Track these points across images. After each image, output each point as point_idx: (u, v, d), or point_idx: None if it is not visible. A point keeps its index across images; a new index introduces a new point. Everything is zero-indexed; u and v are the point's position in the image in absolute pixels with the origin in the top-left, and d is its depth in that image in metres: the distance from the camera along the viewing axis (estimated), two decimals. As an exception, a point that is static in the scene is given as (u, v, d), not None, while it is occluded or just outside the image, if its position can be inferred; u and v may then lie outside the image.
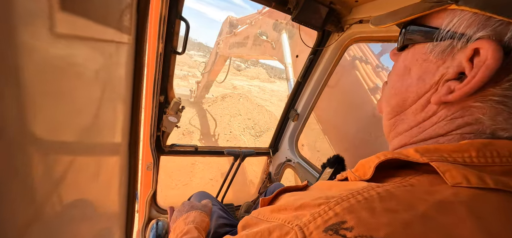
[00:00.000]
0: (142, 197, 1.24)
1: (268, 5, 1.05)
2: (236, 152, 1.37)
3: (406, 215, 0.21)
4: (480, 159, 0.24)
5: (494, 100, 0.24)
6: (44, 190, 0.26)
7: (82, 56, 0.30)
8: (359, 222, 0.21)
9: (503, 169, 0.23)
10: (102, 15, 0.33)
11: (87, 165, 0.39)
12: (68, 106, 0.28)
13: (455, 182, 0.22)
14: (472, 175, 0.22)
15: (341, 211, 0.22)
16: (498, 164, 0.23)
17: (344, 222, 0.21)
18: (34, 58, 0.20)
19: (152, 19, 0.90)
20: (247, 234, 0.30)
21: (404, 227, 0.20)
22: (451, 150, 0.25)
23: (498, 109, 0.24)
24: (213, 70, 5.01)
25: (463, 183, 0.22)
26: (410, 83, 0.31)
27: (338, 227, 0.21)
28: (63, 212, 0.32)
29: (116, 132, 0.50)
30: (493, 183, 0.22)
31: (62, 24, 0.23)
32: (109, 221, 0.59)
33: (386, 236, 0.19)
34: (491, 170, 0.23)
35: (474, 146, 0.24)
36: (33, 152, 0.22)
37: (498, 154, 0.23)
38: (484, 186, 0.22)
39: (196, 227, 0.61)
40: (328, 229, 0.21)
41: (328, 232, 0.21)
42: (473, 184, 0.22)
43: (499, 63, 0.23)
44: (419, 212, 0.21)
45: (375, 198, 0.23)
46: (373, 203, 0.22)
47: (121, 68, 0.46)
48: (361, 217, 0.21)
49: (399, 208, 0.21)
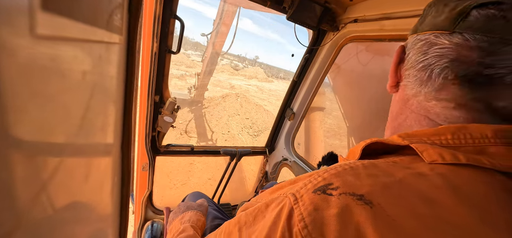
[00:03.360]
0: (137, 198, 1.23)
1: (264, 4, 1.05)
2: (233, 152, 1.37)
3: (386, 179, 0.24)
4: (454, 140, 0.27)
5: (404, 74, 0.36)
6: (30, 194, 0.25)
7: (70, 57, 0.29)
8: (344, 183, 0.24)
9: (475, 149, 0.26)
10: (91, 15, 0.32)
11: (77, 167, 0.38)
12: (56, 108, 0.28)
13: (431, 159, 0.26)
14: (446, 153, 0.26)
15: (328, 176, 0.26)
16: (471, 144, 0.27)
17: (331, 184, 0.25)
18: (17, 59, 0.19)
19: (146, 18, 0.89)
20: (246, 212, 0.33)
21: (383, 188, 0.23)
22: (430, 133, 0.29)
23: (406, 82, 0.35)
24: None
25: (438, 160, 0.26)
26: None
27: (326, 188, 0.25)
28: (53, 215, 0.32)
29: (108, 133, 0.50)
30: (465, 159, 0.25)
31: (48, 24, 0.23)
32: (102, 222, 0.59)
33: (366, 193, 0.23)
34: (465, 149, 0.26)
35: (450, 129, 0.28)
36: (16, 155, 0.22)
37: (471, 136, 0.27)
38: (457, 162, 0.25)
39: (192, 226, 0.62)
40: (317, 190, 0.25)
41: (317, 193, 0.24)
42: (447, 161, 0.25)
43: (400, 51, 0.37)
44: (397, 178, 0.24)
45: (360, 167, 0.27)
46: (358, 170, 0.26)
47: (112, 68, 0.45)
48: (346, 179, 0.25)
49: (380, 174, 0.25)
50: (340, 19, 1.13)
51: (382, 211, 0.21)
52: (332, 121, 1.96)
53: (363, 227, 0.21)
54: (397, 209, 0.22)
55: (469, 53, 0.27)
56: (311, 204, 0.24)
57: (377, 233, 0.20)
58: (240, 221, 0.33)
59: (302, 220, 0.23)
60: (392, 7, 0.86)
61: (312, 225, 0.22)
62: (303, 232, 0.23)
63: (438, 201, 0.22)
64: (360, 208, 0.22)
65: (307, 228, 0.23)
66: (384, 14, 0.90)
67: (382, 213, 0.21)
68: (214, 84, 6.38)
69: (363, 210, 0.22)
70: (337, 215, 0.22)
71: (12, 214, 0.22)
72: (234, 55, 28.46)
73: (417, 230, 0.21)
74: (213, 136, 5.75)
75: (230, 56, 26.01)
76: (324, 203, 0.23)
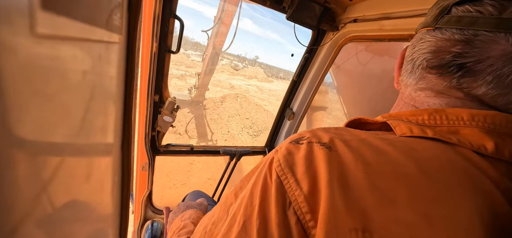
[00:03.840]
0: (137, 198, 1.23)
1: (263, 4, 1.05)
2: (232, 151, 1.37)
3: (350, 136, 0.29)
4: (430, 121, 0.30)
5: (402, 69, 0.39)
6: (31, 193, 0.25)
7: (70, 56, 0.29)
8: (314, 135, 0.30)
9: (450, 129, 0.28)
10: (91, 14, 0.32)
11: (78, 167, 0.39)
12: (56, 108, 0.28)
13: (401, 133, 0.29)
14: (416, 128, 0.29)
15: (304, 132, 0.31)
16: (446, 125, 0.29)
17: (303, 136, 0.30)
18: (17, 58, 0.20)
19: (146, 18, 0.89)
20: (242, 178, 0.37)
21: (344, 140, 0.28)
22: (409, 114, 0.32)
23: (403, 77, 0.38)
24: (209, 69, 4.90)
25: (407, 133, 0.29)
26: None
27: (299, 139, 0.30)
28: (54, 215, 0.32)
29: (108, 133, 0.50)
30: (432, 134, 0.28)
31: (48, 23, 0.23)
32: (103, 222, 0.59)
33: (328, 141, 0.28)
34: (439, 129, 0.28)
35: (428, 111, 0.31)
36: (18, 154, 0.22)
37: (446, 118, 0.29)
38: (424, 135, 0.28)
39: (193, 222, 0.62)
40: (292, 142, 0.30)
41: (292, 143, 0.30)
42: (415, 134, 0.28)
43: (404, 51, 0.40)
44: (360, 137, 0.28)
45: (332, 128, 0.32)
46: (329, 129, 0.31)
47: (112, 68, 0.45)
48: (316, 133, 0.30)
49: (346, 133, 0.29)
50: (339, 19, 1.13)
51: (337, 154, 0.26)
52: (331, 120, 1.96)
53: (320, 165, 0.26)
54: (349, 155, 0.26)
55: (444, 44, 0.31)
56: (286, 150, 0.29)
57: (327, 167, 0.25)
58: (236, 187, 0.37)
59: (278, 161, 0.28)
60: (391, 7, 0.86)
61: (285, 164, 0.28)
62: (278, 169, 0.28)
63: (387, 153, 0.26)
64: (321, 150, 0.27)
65: (281, 165, 0.28)
66: (384, 14, 0.90)
67: (337, 156, 0.26)
68: (214, 84, 6.35)
69: (323, 152, 0.27)
70: (304, 156, 0.27)
71: (15, 213, 0.22)
72: (234, 55, 28.46)
73: (360, 170, 0.25)
74: (213, 136, 5.75)
75: (230, 56, 26.00)
76: (295, 149, 0.29)
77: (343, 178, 0.24)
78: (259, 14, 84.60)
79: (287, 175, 0.27)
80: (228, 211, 0.34)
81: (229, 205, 0.35)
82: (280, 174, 0.27)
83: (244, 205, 0.29)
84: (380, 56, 1.27)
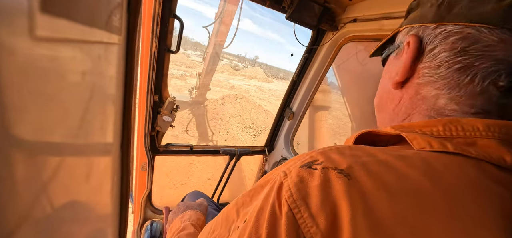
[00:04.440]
0: (137, 198, 1.23)
1: (263, 4, 1.05)
2: (232, 151, 1.37)
3: (367, 158, 0.26)
4: (446, 132, 0.28)
5: (424, 73, 0.32)
6: (31, 193, 0.25)
7: (70, 58, 0.29)
8: (328, 160, 0.26)
9: (466, 141, 0.26)
10: (90, 16, 0.32)
11: (77, 167, 0.39)
12: (56, 108, 0.28)
13: (420, 147, 0.27)
14: (435, 141, 0.27)
15: (315, 154, 0.28)
16: (462, 136, 0.27)
17: (316, 160, 0.27)
18: (16, 59, 0.20)
19: (145, 18, 0.89)
20: (243, 194, 0.34)
21: (362, 164, 0.25)
22: (422, 125, 0.30)
23: (427, 80, 0.31)
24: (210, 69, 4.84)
25: (426, 147, 0.26)
26: (385, 82, 0.40)
27: (311, 163, 0.27)
28: (53, 215, 0.32)
29: (107, 133, 0.50)
30: (453, 148, 0.26)
31: (47, 25, 0.23)
32: (102, 222, 0.59)
33: (346, 167, 0.25)
34: (456, 141, 0.27)
35: (442, 121, 0.28)
36: (17, 154, 0.22)
37: (462, 128, 0.27)
38: (445, 150, 0.26)
39: (193, 224, 0.62)
40: (304, 166, 0.27)
41: (303, 168, 0.26)
42: (435, 148, 0.26)
43: (416, 44, 0.32)
44: (378, 158, 0.25)
45: (346, 147, 0.28)
46: (343, 150, 0.27)
47: (111, 68, 0.45)
48: (330, 156, 0.27)
49: (363, 155, 0.26)
50: (339, 19, 1.13)
51: (357, 183, 0.23)
52: (331, 120, 1.96)
53: (339, 197, 0.23)
54: (370, 183, 0.23)
55: None
56: (297, 177, 0.26)
57: (349, 202, 0.22)
58: (238, 202, 0.34)
59: (288, 190, 0.25)
60: (391, 7, 0.86)
61: (297, 194, 0.24)
62: (289, 200, 0.25)
63: (411, 178, 0.24)
64: (339, 180, 0.24)
65: (293, 196, 0.25)
66: (383, 14, 0.90)
67: (357, 185, 0.23)
68: (214, 84, 6.31)
69: (341, 182, 0.24)
70: (319, 185, 0.24)
71: (14, 213, 0.22)
72: (234, 55, 28.44)
73: (384, 200, 0.22)
74: (213, 136, 5.74)
75: (230, 56, 25.97)
76: (308, 176, 0.25)
77: (367, 213, 0.22)
78: (258, 14, 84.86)
79: (301, 208, 0.24)
80: (229, 229, 0.33)
81: (231, 222, 0.33)
82: (292, 206, 0.24)
83: (248, 234, 0.26)
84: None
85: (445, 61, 0.29)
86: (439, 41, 0.30)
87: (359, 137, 0.33)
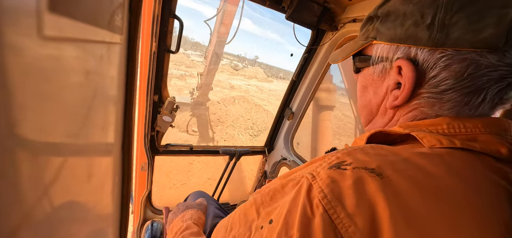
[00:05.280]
0: (136, 198, 1.23)
1: (263, 4, 1.05)
2: (232, 151, 1.37)
3: (393, 157, 0.27)
4: (450, 129, 0.30)
5: (425, 96, 0.33)
6: (34, 192, 0.25)
7: (73, 57, 0.29)
8: (356, 160, 0.27)
9: (468, 137, 0.29)
10: (93, 15, 0.32)
11: (79, 167, 0.39)
12: (58, 108, 0.28)
13: (430, 144, 0.29)
14: (443, 139, 0.29)
15: (341, 155, 0.28)
16: (464, 133, 0.30)
17: (344, 161, 0.27)
18: (22, 59, 0.20)
19: (145, 18, 0.89)
20: (261, 193, 0.34)
21: (390, 163, 0.26)
22: (427, 124, 0.32)
23: (430, 102, 0.33)
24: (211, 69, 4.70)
25: (437, 144, 0.29)
26: (370, 98, 0.41)
27: (340, 164, 0.27)
28: (55, 214, 0.32)
29: (109, 133, 0.50)
30: (460, 144, 0.28)
31: (53, 25, 0.23)
32: (103, 222, 0.59)
33: (376, 167, 0.25)
34: (459, 137, 0.29)
35: (445, 120, 0.31)
36: (21, 154, 0.22)
37: (464, 126, 0.30)
38: (453, 146, 0.28)
39: (195, 223, 0.62)
40: (332, 167, 0.27)
41: (332, 169, 0.27)
42: (444, 145, 0.28)
43: (414, 73, 0.32)
44: (402, 157, 0.27)
45: (368, 148, 0.29)
46: (367, 150, 0.28)
47: (113, 68, 0.46)
48: (357, 156, 0.27)
49: (387, 154, 0.28)
50: (339, 19, 1.13)
51: (391, 182, 0.24)
52: (333, 120, 1.96)
53: (375, 195, 0.24)
54: (403, 181, 0.24)
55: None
56: (328, 178, 0.26)
57: (386, 201, 0.23)
58: (256, 201, 0.34)
59: (321, 191, 0.25)
60: (390, 7, 0.86)
61: (331, 195, 0.25)
62: (323, 201, 0.25)
63: (437, 176, 0.25)
64: (372, 179, 0.24)
65: (327, 197, 0.25)
66: (383, 14, 0.90)
67: (391, 184, 0.24)
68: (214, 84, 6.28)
69: (375, 181, 0.24)
70: (353, 185, 0.25)
71: (17, 212, 0.22)
72: (234, 55, 28.44)
73: (418, 198, 0.24)
74: (213, 136, 5.71)
75: (230, 56, 25.96)
76: (340, 176, 0.26)
77: (405, 211, 0.23)
78: (258, 14, 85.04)
79: (336, 208, 0.24)
80: (250, 228, 0.33)
81: (251, 221, 0.33)
82: (327, 207, 0.24)
83: (277, 234, 0.26)
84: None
85: (451, 88, 0.30)
86: (441, 68, 0.30)
87: (371, 136, 0.34)
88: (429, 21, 0.30)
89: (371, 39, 0.38)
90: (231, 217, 0.40)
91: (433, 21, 0.29)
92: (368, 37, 0.39)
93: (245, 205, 0.37)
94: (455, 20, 0.28)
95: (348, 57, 0.45)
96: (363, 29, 0.41)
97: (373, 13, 0.38)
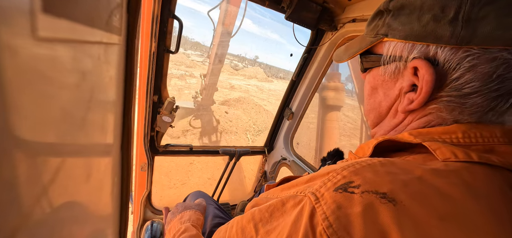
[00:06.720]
0: (136, 198, 1.23)
1: (262, 4, 1.05)
2: (231, 151, 1.37)
3: (405, 176, 0.24)
4: (465, 139, 0.27)
5: (445, 100, 0.29)
6: (32, 193, 0.25)
7: (69, 58, 0.29)
8: (365, 181, 0.24)
9: (485, 148, 0.26)
10: (90, 16, 0.32)
11: (78, 167, 0.39)
12: (55, 108, 0.28)
13: (444, 157, 0.26)
14: (459, 151, 0.26)
15: (348, 174, 0.25)
16: (481, 143, 0.27)
17: (351, 182, 0.24)
18: (18, 59, 0.20)
19: (145, 18, 0.89)
20: (259, 208, 0.32)
21: (404, 185, 0.23)
22: (440, 132, 0.28)
23: (450, 106, 0.29)
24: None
25: (451, 158, 0.26)
26: (380, 100, 0.37)
27: (347, 186, 0.24)
28: (53, 215, 0.32)
29: (108, 133, 0.50)
30: (477, 157, 0.25)
31: (48, 26, 0.23)
32: (103, 222, 0.59)
33: (388, 191, 0.22)
34: (475, 148, 0.27)
35: (460, 128, 0.28)
36: (18, 155, 0.22)
37: (481, 135, 0.27)
38: (470, 160, 0.25)
39: (193, 225, 0.62)
40: (338, 189, 0.24)
41: (338, 191, 0.24)
42: (460, 159, 0.25)
43: (434, 75, 0.28)
44: (416, 175, 0.24)
45: (377, 164, 0.26)
46: (376, 167, 0.25)
47: (111, 68, 0.46)
48: (366, 176, 0.24)
49: (399, 172, 0.24)
50: (338, 19, 1.13)
51: (405, 210, 0.21)
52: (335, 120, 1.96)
53: (388, 226, 0.21)
54: (419, 207, 0.21)
55: None
56: (333, 203, 0.23)
57: (400, 232, 0.20)
58: (255, 217, 0.31)
59: (326, 219, 0.23)
60: (390, 7, 0.86)
61: (336, 224, 0.22)
62: (328, 231, 0.22)
63: (455, 198, 0.22)
64: (384, 206, 0.22)
65: (332, 226, 0.22)
66: (382, 14, 0.90)
67: (406, 212, 0.21)
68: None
69: (387, 209, 0.21)
70: (362, 213, 0.22)
71: (15, 214, 0.22)
72: (234, 55, 28.44)
73: (436, 226, 0.21)
74: (214, 136, 5.70)
75: (230, 56, 25.96)
76: (347, 201, 0.23)
77: None
78: (258, 14, 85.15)
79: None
80: None
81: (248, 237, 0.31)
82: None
83: None
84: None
85: (477, 91, 0.27)
86: (465, 69, 0.26)
87: (378, 145, 0.31)
88: (452, 15, 0.26)
89: (381, 36, 0.34)
90: (228, 231, 0.37)
91: (456, 15, 0.26)
92: (378, 33, 0.34)
93: (242, 218, 0.34)
94: (484, 14, 0.24)
95: (354, 56, 0.41)
96: (371, 24, 0.37)
97: (383, 7, 0.34)
